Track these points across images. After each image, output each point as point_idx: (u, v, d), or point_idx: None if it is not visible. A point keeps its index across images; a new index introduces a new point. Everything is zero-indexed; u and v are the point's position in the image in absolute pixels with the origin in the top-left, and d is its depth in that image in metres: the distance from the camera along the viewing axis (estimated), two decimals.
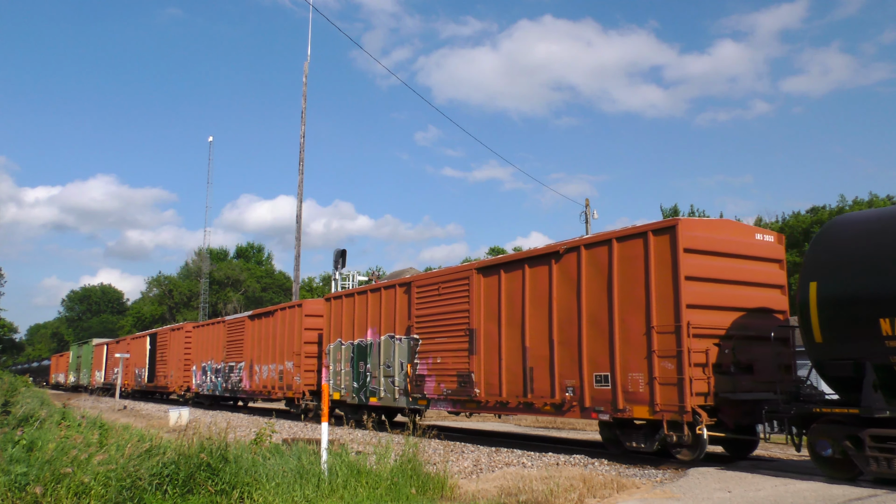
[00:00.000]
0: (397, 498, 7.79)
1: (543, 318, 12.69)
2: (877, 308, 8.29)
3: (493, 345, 13.79)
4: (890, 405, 8.33)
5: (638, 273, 11.11)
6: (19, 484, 6.65)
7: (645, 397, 10.74)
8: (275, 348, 23.21)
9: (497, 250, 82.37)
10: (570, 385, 12.05)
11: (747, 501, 7.55)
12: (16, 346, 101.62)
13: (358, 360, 18.11)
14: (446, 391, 14.82)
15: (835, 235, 9.23)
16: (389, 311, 17.11)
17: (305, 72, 34.67)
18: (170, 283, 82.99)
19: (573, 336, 12.06)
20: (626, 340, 11.17)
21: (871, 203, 56.03)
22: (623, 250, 11.43)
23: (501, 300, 13.70)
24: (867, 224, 9.06)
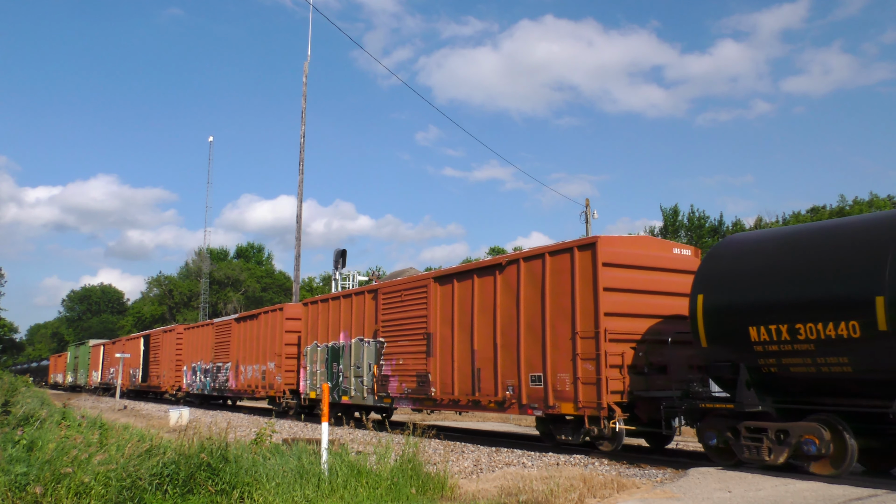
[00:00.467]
0: (397, 498, 7.79)
1: (489, 323, 13.92)
2: (747, 317, 9.59)
3: (448, 348, 14.97)
4: (761, 401, 9.59)
5: (565, 284, 12.32)
6: (19, 484, 6.65)
7: (570, 395, 11.98)
8: (258, 350, 24.33)
9: (497, 250, 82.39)
10: (510, 384, 13.27)
11: (747, 501, 7.55)
12: (16, 346, 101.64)
13: (332, 361, 19.37)
14: (407, 390, 16.06)
15: (719, 255, 10.57)
16: (360, 316, 18.34)
17: (305, 72, 34.69)
18: (170, 283, 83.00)
19: (513, 340, 13.27)
20: (556, 344, 12.39)
21: (871, 203, 56.01)
22: (554, 264, 12.66)
23: (454, 307, 14.92)
24: (744, 245, 10.48)
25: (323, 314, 20.34)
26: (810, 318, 8.93)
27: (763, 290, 9.57)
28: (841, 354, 8.72)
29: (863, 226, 9.19)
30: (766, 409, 9.60)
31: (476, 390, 14.08)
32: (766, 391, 9.69)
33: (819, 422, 9.06)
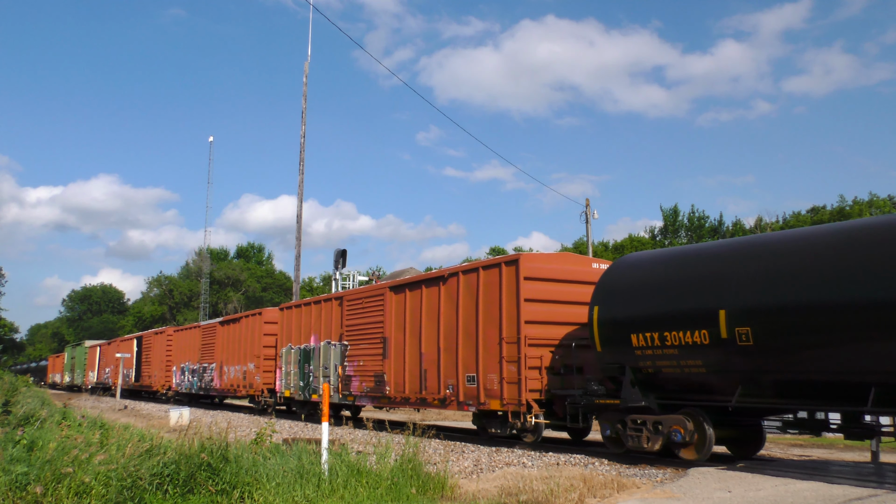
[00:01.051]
0: (398, 498, 7.79)
1: (434, 329, 15.37)
2: (629, 326, 11.21)
3: (400, 351, 16.43)
4: (644, 397, 11.15)
5: (495, 295, 13.85)
6: (20, 483, 6.66)
7: (498, 393, 13.50)
8: (240, 351, 25.90)
9: (497, 250, 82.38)
10: (450, 384, 14.75)
11: (747, 501, 7.55)
12: (16, 346, 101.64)
13: (304, 362, 20.89)
14: (367, 389, 17.59)
15: (612, 272, 12.24)
16: (328, 321, 19.90)
17: (306, 72, 34.70)
18: (170, 283, 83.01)
19: (453, 344, 14.71)
20: (487, 348, 13.88)
21: (870, 203, 56.00)
22: (486, 277, 14.15)
23: (406, 314, 16.37)
24: (631, 264, 12.16)
25: (297, 319, 21.81)
26: (675, 327, 10.60)
27: (642, 303, 11.22)
28: (696, 358, 10.39)
29: (716, 252, 10.92)
30: (648, 404, 11.12)
31: (423, 389, 15.52)
32: (648, 389, 11.25)
33: (685, 414, 10.69)
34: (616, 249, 62.47)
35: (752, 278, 9.82)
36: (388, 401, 16.93)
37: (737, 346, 9.78)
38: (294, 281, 34.28)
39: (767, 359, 9.58)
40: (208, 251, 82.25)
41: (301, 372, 20.97)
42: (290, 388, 21.52)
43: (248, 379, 24.89)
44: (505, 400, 13.27)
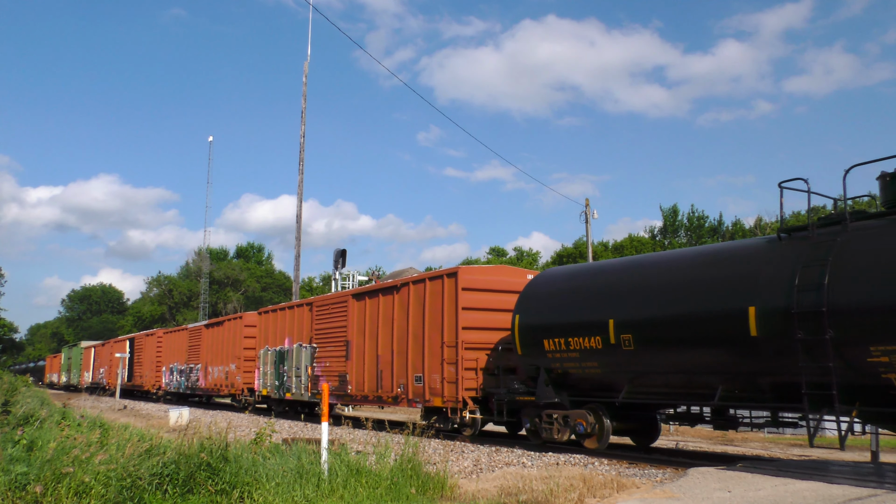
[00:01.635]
0: (397, 497, 7.79)
1: (389, 333, 16.90)
2: (543, 333, 12.86)
3: (361, 353, 18.01)
4: (557, 394, 12.81)
5: (438, 304, 15.32)
6: (19, 483, 6.65)
7: (440, 391, 14.99)
8: (223, 353, 27.46)
9: (498, 250, 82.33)
10: (402, 383, 16.23)
11: (747, 501, 7.55)
12: (16, 346, 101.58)
13: (279, 363, 22.45)
14: (332, 388, 18.94)
15: (532, 285, 13.91)
16: (300, 325, 21.48)
17: (305, 72, 34.70)
18: (170, 283, 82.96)
19: (404, 348, 16.26)
20: (431, 352, 15.36)
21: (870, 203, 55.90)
22: (431, 288, 15.60)
23: (366, 319, 17.92)
24: (547, 278, 13.90)
25: (273, 322, 23.43)
26: (576, 334, 12.28)
27: (552, 313, 12.88)
28: (593, 360, 12.09)
29: (609, 270, 12.92)
30: (560, 400, 12.73)
31: (379, 388, 17.12)
32: (561, 387, 12.91)
33: (587, 409, 12.36)
34: (616, 249, 62.46)
35: (632, 293, 11.58)
36: (350, 398, 18.71)
37: (622, 350, 11.51)
38: (294, 281, 34.27)
39: (645, 360, 11.30)
40: (208, 251, 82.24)
41: (276, 372, 22.54)
42: (268, 388, 23.13)
43: (230, 379, 26.48)
44: (445, 397, 14.85)
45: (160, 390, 35.10)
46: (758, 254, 10.27)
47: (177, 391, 32.72)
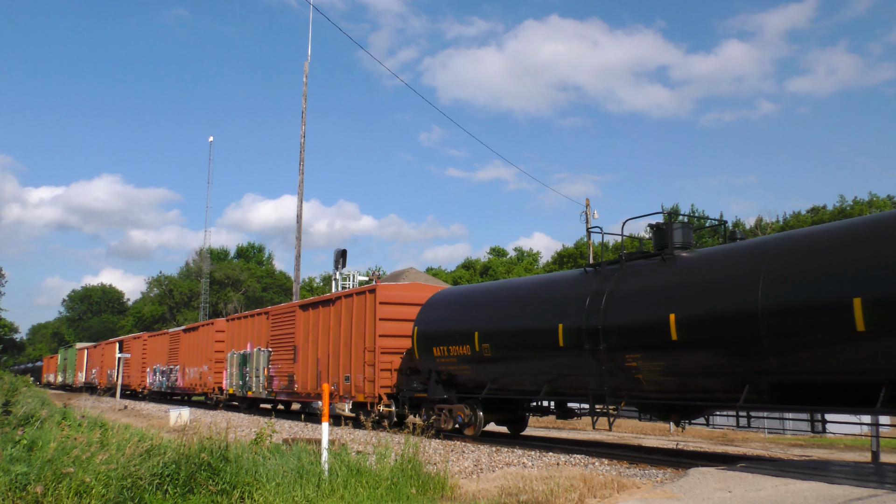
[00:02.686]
0: (398, 498, 7.79)
1: (327, 339, 19.51)
2: (433, 341, 15.45)
3: (305, 356, 20.64)
4: (446, 392, 15.31)
5: (362, 315, 17.80)
6: (20, 483, 6.66)
7: (363, 389, 17.50)
8: (198, 355, 30.12)
9: (498, 250, 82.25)
10: (335, 382, 18.77)
11: (748, 501, 7.54)
12: (16, 346, 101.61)
13: (242, 365, 24.99)
14: (282, 387, 21.87)
15: (429, 301, 16.35)
16: (259, 331, 24.17)
17: (306, 72, 34.70)
18: (170, 283, 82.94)
19: (338, 352, 18.86)
20: (357, 355, 17.89)
21: (870, 203, 55.93)
22: (358, 301, 18.12)
23: (310, 327, 20.57)
24: (439, 296, 16.53)
25: (238, 329, 26.09)
26: (454, 342, 14.81)
27: (440, 325, 15.50)
28: (466, 364, 14.68)
29: (481, 290, 16.07)
30: (448, 397, 15.26)
31: (319, 386, 19.47)
32: (450, 386, 15.39)
33: (465, 404, 14.82)
34: (616, 249, 62.45)
35: (490, 310, 14.47)
36: (297, 396, 21.33)
37: (484, 357, 14.16)
38: (294, 281, 34.27)
39: (499, 365, 14.08)
40: (208, 251, 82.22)
41: (240, 373, 25.17)
42: (233, 386, 25.83)
43: (203, 379, 29.23)
44: (366, 394, 17.36)
45: (145, 389, 37.75)
46: (570, 282, 13.10)
47: (159, 390, 35.51)
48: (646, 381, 11.21)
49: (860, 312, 8.27)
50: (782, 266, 9.48)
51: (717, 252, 11.11)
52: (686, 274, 10.92)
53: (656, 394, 11.39)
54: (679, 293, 10.73)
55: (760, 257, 9.94)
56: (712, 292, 10.28)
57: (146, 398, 37.24)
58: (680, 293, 10.72)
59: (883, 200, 56.45)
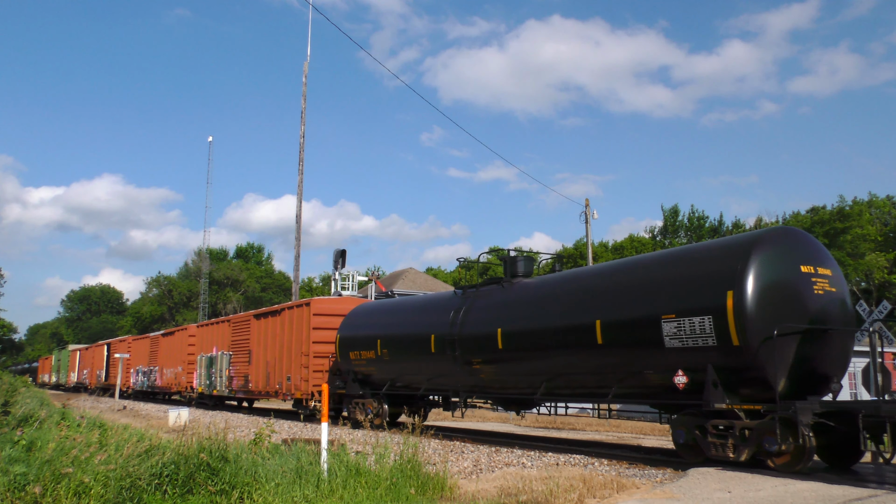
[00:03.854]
0: (397, 498, 7.78)
1: (274, 345, 22.59)
2: (349, 346, 18.43)
3: (258, 359, 23.64)
4: (362, 389, 18.01)
5: (301, 324, 20.81)
6: (18, 484, 6.64)
7: (300, 387, 20.28)
8: (174, 357, 33.17)
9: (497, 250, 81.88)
10: (280, 381, 21.72)
11: (747, 501, 7.54)
12: (15, 347, 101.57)
13: (209, 366, 27.93)
14: (240, 385, 24.84)
15: (350, 312, 19.42)
16: (223, 336, 27.22)
17: (305, 72, 34.68)
18: (169, 284, 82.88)
19: (282, 355, 21.92)
20: (296, 359, 20.79)
21: (870, 203, 55.94)
22: (297, 312, 21.21)
23: (261, 334, 23.62)
24: (358, 308, 19.59)
25: (206, 334, 29.13)
26: (364, 348, 17.79)
27: (354, 332, 18.49)
28: (373, 366, 17.58)
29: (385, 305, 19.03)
30: (364, 393, 17.93)
31: (267, 385, 22.66)
32: (365, 384, 18.10)
33: (374, 398, 17.58)
34: (615, 250, 62.42)
35: (388, 321, 17.64)
36: (251, 393, 24.20)
37: (385, 360, 17.06)
38: (293, 281, 34.26)
39: (395, 366, 16.94)
40: (208, 251, 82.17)
41: (208, 373, 28.04)
42: (202, 386, 28.60)
43: (178, 379, 32.19)
44: (302, 392, 20.13)
45: (129, 389, 40.74)
46: (444, 301, 16.11)
47: (141, 389, 38.66)
48: (487, 380, 14.37)
49: (599, 331, 11.52)
50: (569, 294, 12.71)
51: (537, 280, 14.05)
52: (513, 297, 14.02)
53: (496, 390, 14.56)
54: (505, 313, 13.90)
55: (559, 286, 13.19)
56: (525, 312, 13.43)
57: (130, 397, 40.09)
58: (505, 313, 13.89)
59: (882, 200, 56.42)
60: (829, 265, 10.51)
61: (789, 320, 9.64)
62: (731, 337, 9.62)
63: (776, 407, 9.27)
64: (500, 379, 14.02)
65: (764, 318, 9.49)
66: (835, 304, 10.26)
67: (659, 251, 14.08)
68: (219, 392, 26.72)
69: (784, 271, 9.92)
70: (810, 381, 9.83)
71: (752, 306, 9.51)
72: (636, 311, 11.03)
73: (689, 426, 10.43)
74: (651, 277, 11.27)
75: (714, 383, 9.86)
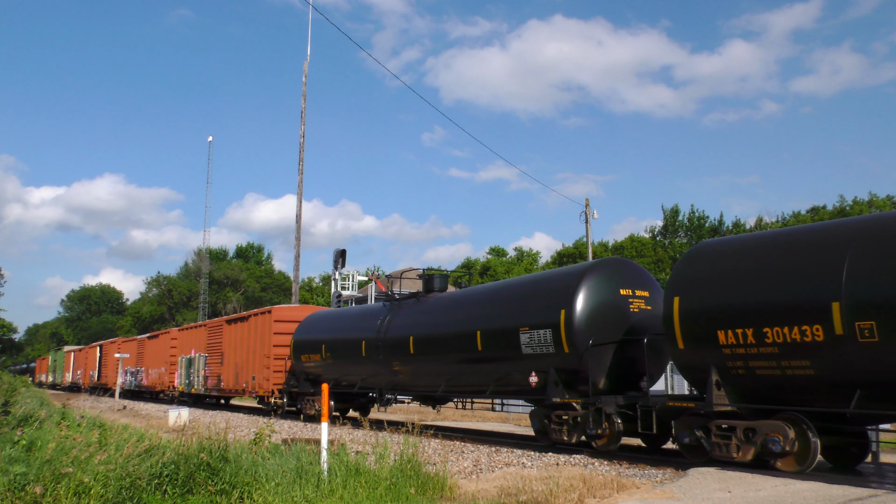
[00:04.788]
0: (397, 498, 7.78)
1: (243, 347, 25.12)
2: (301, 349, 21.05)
3: (229, 360, 26.23)
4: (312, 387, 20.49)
5: (265, 330, 23.40)
6: (19, 484, 6.64)
7: (263, 386, 23.00)
8: (158, 358, 36.10)
9: (498, 250, 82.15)
10: (246, 380, 24.30)
11: (747, 501, 7.54)
12: (15, 346, 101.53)
13: (188, 367, 30.85)
14: (214, 384, 27.43)
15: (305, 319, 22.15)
16: (200, 339, 30.07)
17: (305, 72, 34.69)
18: (169, 284, 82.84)
19: (249, 357, 24.50)
20: (260, 360, 23.38)
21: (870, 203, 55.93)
22: (262, 319, 23.86)
23: (232, 337, 26.29)
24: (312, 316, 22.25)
25: (187, 337, 32.17)
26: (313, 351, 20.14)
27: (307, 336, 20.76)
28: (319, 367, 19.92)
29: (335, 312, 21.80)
30: (314, 391, 20.23)
31: (237, 384, 25.17)
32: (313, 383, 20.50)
33: (315, 394, 20.27)
34: (616, 249, 62.43)
35: (333, 327, 20.08)
36: (223, 391, 26.77)
37: (328, 362, 19.45)
38: (293, 281, 34.26)
39: (337, 367, 19.33)
40: (207, 251, 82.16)
41: (187, 373, 30.95)
42: (182, 385, 31.50)
43: (161, 378, 35.31)
44: (265, 389, 22.84)
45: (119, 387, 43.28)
46: (375, 310, 18.45)
47: (129, 388, 41.39)
48: (404, 379, 16.68)
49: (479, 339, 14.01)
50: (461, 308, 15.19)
51: (446, 295, 16.51)
52: (424, 309, 16.32)
53: (411, 388, 16.88)
54: (417, 322, 16.19)
55: (456, 302, 15.64)
56: (431, 322, 15.83)
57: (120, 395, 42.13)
58: (417, 322, 16.19)
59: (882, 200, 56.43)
60: (647, 288, 12.82)
61: (609, 333, 12.02)
62: (563, 346, 12.09)
63: (591, 400, 11.88)
64: (414, 378, 16.53)
65: (588, 331, 11.91)
66: (650, 319, 12.34)
67: (524, 276, 17.94)
68: (196, 390, 29.41)
69: (606, 294, 12.27)
70: (627, 380, 12.14)
71: (579, 322, 11.96)
72: (504, 323, 13.51)
73: (541, 416, 13.09)
74: (514, 296, 13.85)
75: (555, 382, 12.37)
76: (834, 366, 8.59)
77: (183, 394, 31.60)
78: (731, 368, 9.65)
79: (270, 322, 22.85)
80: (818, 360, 8.68)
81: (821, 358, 8.65)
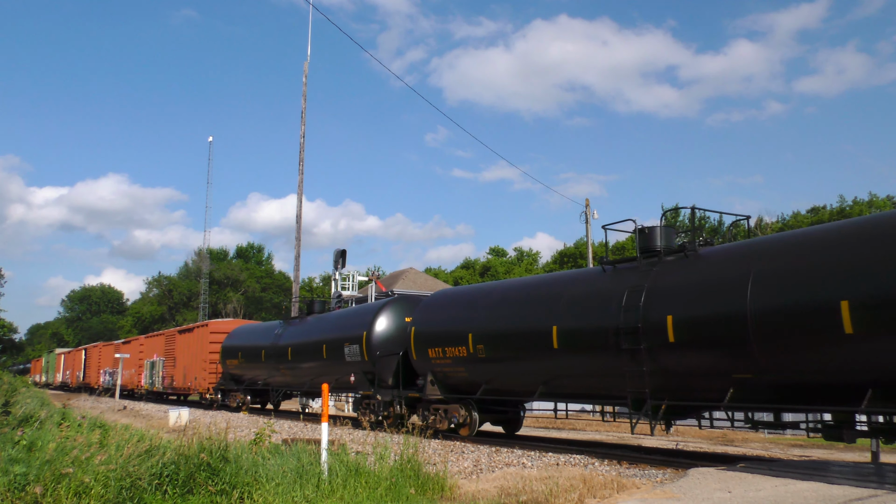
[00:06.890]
0: (397, 498, 7.78)
1: (189, 353, 31.05)
2: (227, 355, 27.14)
3: (180, 364, 32.40)
4: (237, 385, 26.43)
5: (204, 339, 29.30)
6: (19, 484, 6.64)
7: (202, 385, 28.84)
8: (129, 361, 41.68)
9: (498, 251, 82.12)
10: (192, 380, 30.00)
11: (747, 501, 7.54)
12: (15, 347, 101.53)
13: (151, 369, 36.78)
14: (168, 384, 33.61)
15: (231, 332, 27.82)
16: (160, 346, 36.12)
17: (305, 72, 34.72)
18: (169, 284, 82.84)
19: (192, 361, 30.44)
20: (201, 364, 29.09)
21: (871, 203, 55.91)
22: (202, 330, 29.79)
23: (182, 345, 32.34)
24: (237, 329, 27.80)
25: (151, 344, 38.49)
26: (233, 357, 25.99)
27: (233, 344, 26.17)
28: (238, 369, 26.15)
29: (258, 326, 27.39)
30: (238, 389, 25.78)
31: (184, 383, 31.06)
32: (238, 382, 25.99)
33: (242, 391, 25.94)
34: (616, 250, 62.40)
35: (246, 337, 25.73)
36: (176, 389, 32.84)
37: (243, 364, 25.09)
38: (293, 281, 34.27)
39: (248, 369, 25.06)
40: (208, 251, 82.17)
41: (150, 374, 36.94)
42: (147, 384, 37.43)
43: (132, 378, 41.20)
44: (203, 387, 28.62)
45: (99, 387, 47.68)
46: (275, 326, 24.74)
47: (107, 387, 45.51)
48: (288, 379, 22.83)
49: (325, 348, 19.86)
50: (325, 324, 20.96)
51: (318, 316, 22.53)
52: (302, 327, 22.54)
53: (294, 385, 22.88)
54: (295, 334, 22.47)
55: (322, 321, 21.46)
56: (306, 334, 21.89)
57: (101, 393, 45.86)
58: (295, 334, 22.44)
59: (883, 201, 56.40)
60: None
61: (394, 348, 17.22)
62: (364, 356, 17.78)
63: (378, 392, 17.37)
64: (294, 376, 22.16)
65: (379, 346, 17.54)
66: None
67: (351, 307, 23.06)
68: (157, 389, 35.93)
69: (394, 320, 17.81)
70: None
71: (374, 339, 17.65)
72: (338, 336, 19.22)
73: (358, 404, 18.82)
74: (348, 315, 20.12)
75: (362, 381, 18.02)
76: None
77: (148, 392, 37.77)
78: (437, 373, 15.49)
79: (208, 333, 29.18)
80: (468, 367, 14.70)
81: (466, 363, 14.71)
